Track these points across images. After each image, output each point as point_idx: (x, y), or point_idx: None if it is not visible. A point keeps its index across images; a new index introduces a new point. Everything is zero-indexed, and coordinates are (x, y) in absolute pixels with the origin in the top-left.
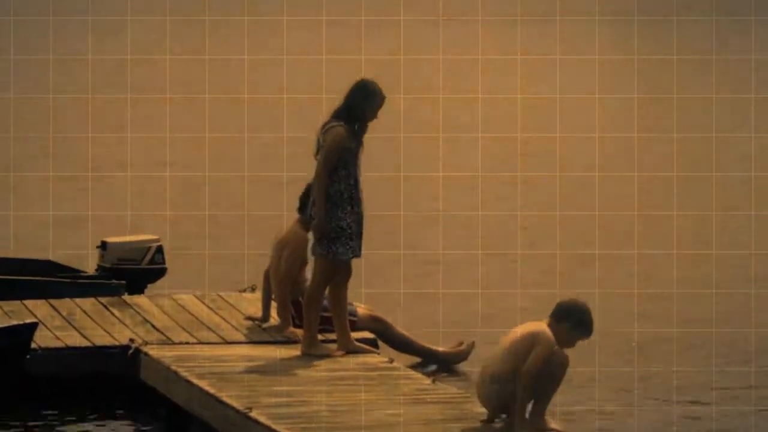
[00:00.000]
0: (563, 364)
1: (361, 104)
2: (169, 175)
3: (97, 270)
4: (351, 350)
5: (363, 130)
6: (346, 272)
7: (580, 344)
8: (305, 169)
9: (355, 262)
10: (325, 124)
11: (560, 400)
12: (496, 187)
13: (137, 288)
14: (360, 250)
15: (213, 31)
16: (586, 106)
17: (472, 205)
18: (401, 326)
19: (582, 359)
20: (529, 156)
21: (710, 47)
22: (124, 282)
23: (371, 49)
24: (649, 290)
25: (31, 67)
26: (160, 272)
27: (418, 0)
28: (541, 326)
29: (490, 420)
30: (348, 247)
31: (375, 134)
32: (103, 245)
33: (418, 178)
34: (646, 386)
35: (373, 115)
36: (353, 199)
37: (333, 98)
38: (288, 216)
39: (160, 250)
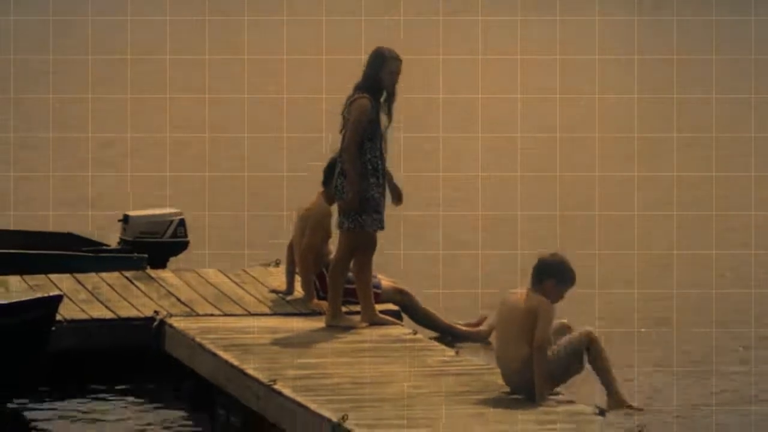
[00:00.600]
0: (588, 338)
1: (377, 72)
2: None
3: (119, 243)
4: (375, 322)
5: (390, 101)
6: (371, 244)
7: None
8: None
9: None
10: (349, 97)
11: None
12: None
13: (160, 261)
14: (383, 222)
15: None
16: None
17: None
18: (425, 300)
19: None
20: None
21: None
22: (146, 255)
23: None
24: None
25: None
26: (183, 245)
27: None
28: (532, 298)
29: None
30: (374, 219)
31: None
32: (125, 219)
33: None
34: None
35: (392, 81)
36: (377, 171)
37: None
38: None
39: (182, 223)
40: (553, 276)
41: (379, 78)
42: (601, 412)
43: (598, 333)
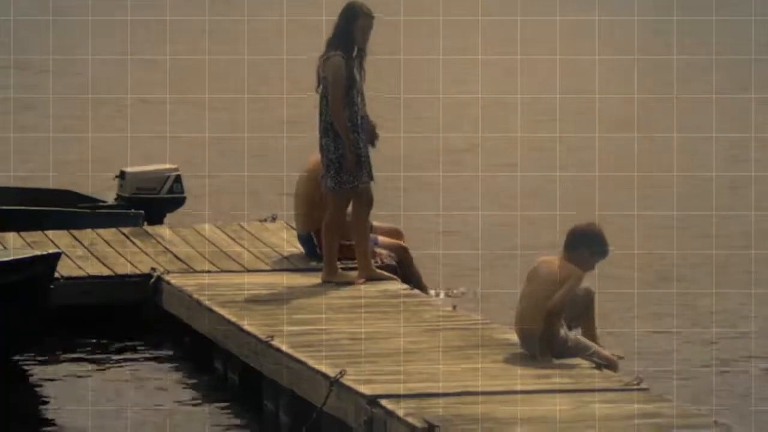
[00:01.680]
0: (588, 296)
1: (347, 27)
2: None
3: (116, 200)
4: (372, 278)
5: (361, 56)
6: (365, 200)
7: None
8: None
9: None
10: (322, 55)
11: None
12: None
13: (157, 217)
14: (371, 174)
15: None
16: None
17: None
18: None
19: None
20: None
21: None
22: (142, 212)
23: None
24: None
25: None
26: (180, 201)
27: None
28: (566, 267)
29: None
30: (359, 173)
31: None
32: (122, 174)
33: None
34: None
35: (363, 36)
36: (356, 126)
37: None
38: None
39: (178, 179)
40: (589, 246)
41: (351, 33)
42: (598, 366)
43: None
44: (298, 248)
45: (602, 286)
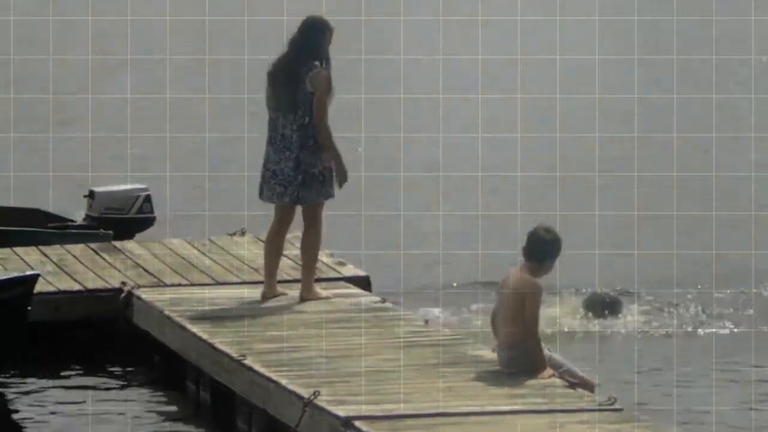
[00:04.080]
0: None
1: (318, 40)
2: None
3: (85, 219)
4: (307, 299)
5: (329, 69)
6: (320, 215)
7: None
8: None
9: None
10: (291, 69)
11: None
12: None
13: (126, 237)
14: (333, 191)
15: None
16: None
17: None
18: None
19: None
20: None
21: None
22: (111, 232)
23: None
24: None
25: None
26: (149, 221)
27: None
28: (524, 279)
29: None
30: (320, 189)
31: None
32: (91, 194)
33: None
34: None
35: (327, 49)
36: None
37: None
38: None
39: (148, 199)
40: (554, 255)
41: (324, 46)
42: (572, 386)
43: None
44: None
45: None
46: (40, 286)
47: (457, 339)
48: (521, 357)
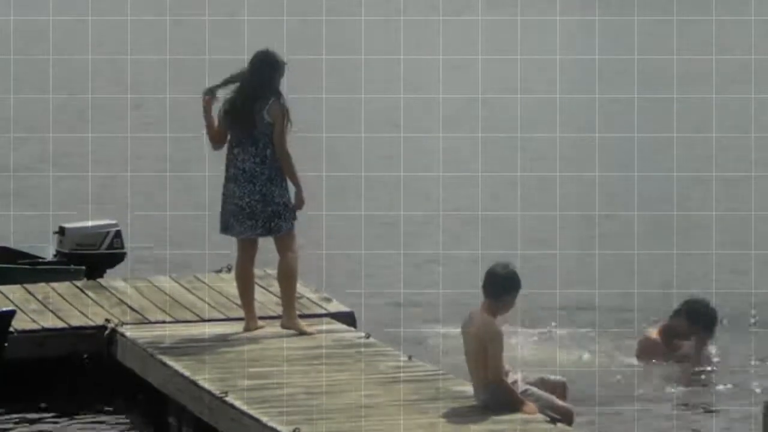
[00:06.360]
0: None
1: (273, 74)
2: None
3: (55, 256)
4: (289, 327)
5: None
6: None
7: None
8: None
9: None
10: (249, 97)
11: None
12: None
13: (97, 273)
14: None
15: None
16: None
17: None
18: None
19: None
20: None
21: None
22: (83, 267)
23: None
24: None
25: None
26: (120, 257)
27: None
28: (485, 323)
29: None
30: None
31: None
32: (61, 230)
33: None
34: None
35: (278, 85)
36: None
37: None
38: None
39: (118, 234)
40: (511, 292)
41: (277, 81)
42: (553, 420)
43: None
44: (256, 298)
45: None
46: (23, 324)
47: (439, 375)
48: (496, 397)
